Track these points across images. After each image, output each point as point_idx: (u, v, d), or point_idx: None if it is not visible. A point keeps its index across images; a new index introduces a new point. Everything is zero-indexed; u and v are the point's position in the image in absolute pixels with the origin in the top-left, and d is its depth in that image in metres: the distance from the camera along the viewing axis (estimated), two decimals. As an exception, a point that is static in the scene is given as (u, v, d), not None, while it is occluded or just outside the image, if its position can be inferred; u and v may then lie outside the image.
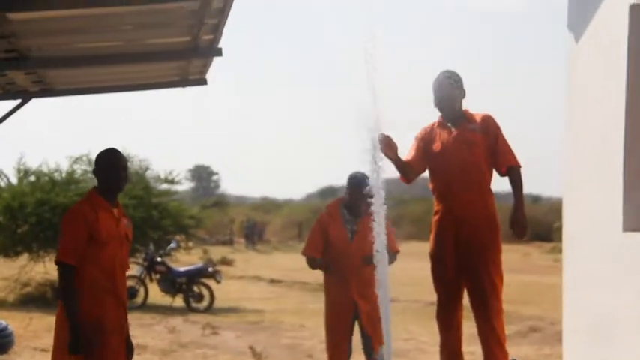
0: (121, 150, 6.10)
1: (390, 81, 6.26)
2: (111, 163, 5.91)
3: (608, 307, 5.94)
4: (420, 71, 6.95)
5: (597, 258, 6.11)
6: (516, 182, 6.63)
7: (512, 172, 6.65)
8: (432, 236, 6.82)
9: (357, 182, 7.47)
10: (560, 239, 7.01)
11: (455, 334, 6.76)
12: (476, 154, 6.59)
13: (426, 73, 7.03)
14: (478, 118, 6.71)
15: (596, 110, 6.21)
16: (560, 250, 7.38)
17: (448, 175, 6.60)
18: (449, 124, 6.74)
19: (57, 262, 5.70)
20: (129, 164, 22.68)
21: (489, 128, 6.66)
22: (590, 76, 6.34)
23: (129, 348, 5.96)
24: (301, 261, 8.15)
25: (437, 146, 6.72)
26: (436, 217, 6.79)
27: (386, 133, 6.39)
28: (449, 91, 6.70)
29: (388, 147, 6.41)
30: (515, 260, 33.25)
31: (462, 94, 6.76)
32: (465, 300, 6.74)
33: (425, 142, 6.79)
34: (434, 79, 6.77)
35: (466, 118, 6.72)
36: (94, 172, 6.00)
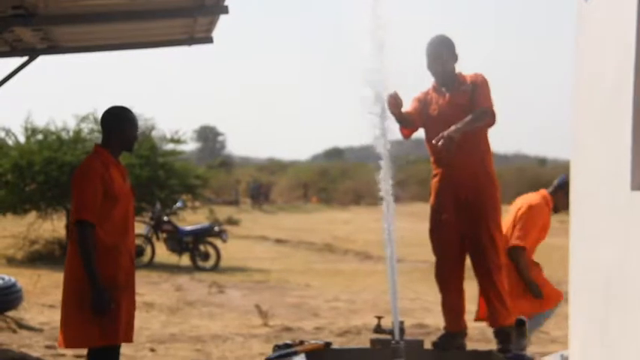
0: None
1: (400, 44, 6.25)
2: (130, 123, 5.85)
3: (616, 266, 5.93)
4: (428, 33, 6.90)
5: (605, 217, 6.10)
6: (476, 114, 6.52)
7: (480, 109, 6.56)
8: (431, 198, 6.84)
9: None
10: (566, 201, 7.00)
11: (455, 295, 6.78)
12: None
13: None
14: (469, 79, 6.71)
15: (604, 68, 6.18)
16: (565, 212, 7.38)
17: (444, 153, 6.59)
18: (443, 89, 6.76)
19: (75, 221, 5.59)
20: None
21: (476, 84, 6.67)
22: (599, 33, 6.29)
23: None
24: (306, 221, 8.12)
25: (432, 109, 6.73)
26: (435, 180, 6.82)
27: (394, 92, 6.40)
28: (441, 55, 6.71)
29: (394, 104, 6.42)
30: (521, 222, 33.32)
31: (455, 58, 6.76)
32: (468, 262, 6.76)
33: (421, 104, 6.82)
34: (426, 46, 6.77)
35: (459, 81, 6.73)
36: (105, 127, 5.87)
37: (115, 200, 5.65)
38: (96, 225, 5.55)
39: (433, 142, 6.42)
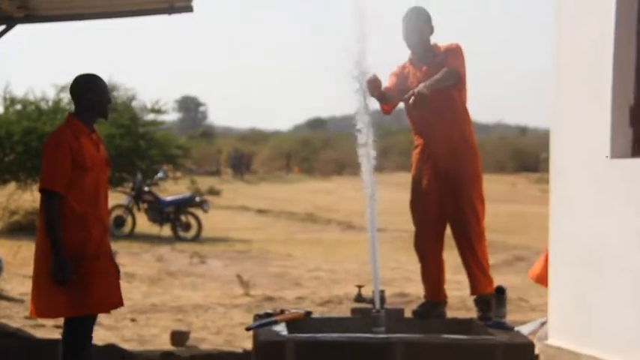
0: (107, 79, 6.00)
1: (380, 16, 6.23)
2: (99, 88, 5.77)
3: (595, 235, 5.96)
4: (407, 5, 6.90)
5: (585, 186, 6.11)
6: (444, 73, 6.51)
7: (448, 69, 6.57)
8: (412, 169, 6.86)
9: None
10: (547, 170, 7.01)
11: (434, 264, 6.80)
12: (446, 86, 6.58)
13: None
14: (444, 50, 6.71)
15: (585, 37, 6.17)
16: (546, 181, 7.39)
17: (423, 111, 6.59)
18: (419, 61, 6.76)
19: (41, 190, 5.58)
20: (115, 94, 22.53)
21: (449, 50, 6.67)
22: (581, 4, 6.29)
23: (116, 270, 5.94)
24: (288, 191, 8.12)
25: (410, 83, 6.74)
26: (416, 151, 6.85)
27: (374, 75, 6.40)
28: (416, 27, 6.71)
29: (374, 87, 6.43)
30: (502, 190, 33.43)
31: (431, 29, 6.77)
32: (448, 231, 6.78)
33: (399, 78, 6.83)
34: (402, 18, 6.76)
35: (434, 52, 6.73)
36: (74, 96, 5.82)
37: (86, 170, 5.61)
38: (66, 194, 5.53)
39: (405, 97, 6.44)
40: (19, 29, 9.51)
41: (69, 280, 5.44)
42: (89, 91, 5.75)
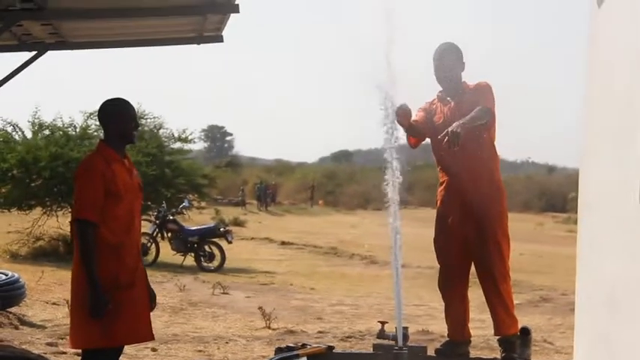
0: (135, 107, 5.95)
1: (409, 48, 6.22)
2: (126, 114, 5.72)
3: (621, 277, 5.87)
4: (439, 38, 6.89)
5: (612, 228, 6.03)
6: (477, 112, 6.47)
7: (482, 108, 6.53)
8: (437, 205, 6.81)
9: None
10: (574, 210, 6.96)
11: (459, 303, 6.73)
12: None
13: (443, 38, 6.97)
14: (473, 88, 6.69)
15: (616, 78, 6.11)
16: (574, 221, 7.31)
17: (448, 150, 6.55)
18: (448, 98, 6.74)
19: (76, 220, 5.47)
20: (143, 121, 22.42)
21: (479, 88, 6.65)
22: (611, 42, 6.23)
23: (151, 296, 5.84)
24: (312, 224, 8.10)
25: (438, 118, 6.73)
26: (441, 187, 6.81)
27: (404, 104, 6.38)
28: (449, 63, 6.70)
29: (403, 116, 6.40)
30: (529, 230, 33.23)
31: (462, 66, 6.76)
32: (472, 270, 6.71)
33: (427, 113, 6.81)
34: (434, 52, 6.75)
35: (463, 89, 6.71)
36: (103, 123, 5.76)
37: (119, 197, 5.53)
38: (99, 223, 5.43)
39: (439, 137, 6.37)
40: (50, 55, 9.58)
41: (105, 311, 5.35)
42: (115, 117, 5.69)
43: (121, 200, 5.54)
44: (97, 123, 21.55)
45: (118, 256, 5.52)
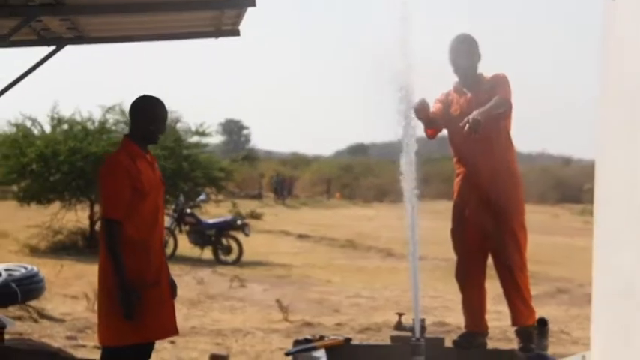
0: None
1: (425, 42, 6.25)
2: (157, 116, 5.69)
3: (639, 268, 5.88)
4: (453, 32, 6.92)
5: (630, 218, 6.05)
6: (496, 101, 6.49)
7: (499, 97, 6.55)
8: (454, 197, 6.84)
9: None
10: (590, 201, 6.97)
11: (476, 294, 6.76)
12: None
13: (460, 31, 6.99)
14: (490, 79, 6.71)
15: (631, 67, 6.12)
16: (590, 213, 7.33)
17: (467, 138, 6.58)
18: (464, 89, 6.77)
19: (103, 219, 5.48)
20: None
21: (496, 79, 6.66)
22: (626, 31, 6.23)
23: (172, 287, 5.86)
24: (329, 217, 8.13)
25: (454, 110, 6.75)
26: (458, 179, 6.83)
27: (422, 99, 6.42)
28: (465, 56, 6.72)
29: (421, 110, 6.43)
30: (545, 222, 33.15)
31: (477, 56, 6.78)
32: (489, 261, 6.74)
33: (443, 104, 6.83)
34: (450, 43, 6.77)
35: (480, 80, 6.74)
36: (134, 118, 5.71)
37: (144, 194, 5.51)
38: (124, 221, 5.41)
39: (460, 125, 6.38)
40: (69, 50, 9.64)
41: (135, 309, 5.36)
42: (147, 115, 5.67)
43: (146, 197, 5.54)
44: (116, 117, 21.69)
45: (144, 253, 5.51)
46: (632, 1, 5.96)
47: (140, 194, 5.50)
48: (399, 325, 6.37)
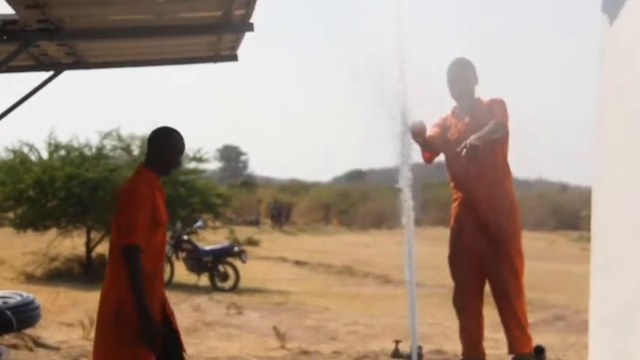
0: (150, 126, 5.97)
1: (421, 67, 6.26)
2: (178, 148, 5.68)
3: (636, 296, 5.86)
4: (448, 55, 6.94)
5: (627, 245, 6.03)
6: (494, 125, 6.49)
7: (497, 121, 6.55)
8: (451, 222, 6.84)
9: None
10: (587, 228, 6.94)
11: (473, 321, 6.74)
12: None
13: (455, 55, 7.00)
14: (488, 104, 6.72)
15: (628, 95, 6.13)
16: (587, 239, 7.31)
17: (464, 163, 6.58)
18: (462, 113, 6.77)
19: (125, 245, 5.33)
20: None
21: (493, 104, 6.67)
22: (624, 60, 6.25)
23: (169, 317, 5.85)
24: (327, 243, 8.12)
25: (451, 134, 6.75)
26: (455, 204, 6.83)
27: (419, 121, 6.43)
28: (463, 77, 6.74)
29: (418, 134, 6.44)
30: (542, 248, 33.11)
31: (476, 81, 6.79)
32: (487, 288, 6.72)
33: (441, 129, 6.84)
34: (447, 68, 6.79)
35: (477, 105, 6.75)
36: (154, 148, 5.66)
37: (159, 225, 5.49)
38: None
39: (457, 149, 6.39)
40: (66, 74, 9.65)
41: (157, 342, 5.35)
42: (168, 147, 5.66)
43: (159, 228, 5.51)
44: (113, 143, 21.67)
45: (151, 286, 5.45)
46: (629, 30, 5.98)
47: (156, 224, 5.47)
48: (396, 353, 6.36)
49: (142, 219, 5.36)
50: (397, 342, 6.32)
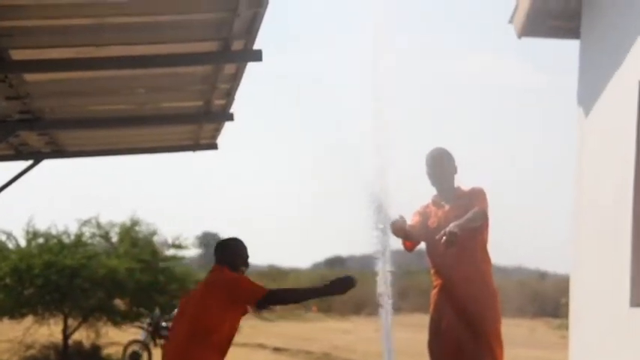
0: (130, 214, 6.31)
1: (401, 158, 6.33)
2: (246, 256, 6.52)
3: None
4: (428, 146, 7.03)
5: (604, 333, 6.07)
6: (473, 213, 6.53)
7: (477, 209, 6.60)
8: (430, 310, 6.84)
9: None
10: (566, 316, 6.98)
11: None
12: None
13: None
14: (468, 193, 6.78)
15: (604, 187, 6.23)
16: (566, 327, 7.34)
17: (444, 250, 6.61)
18: (442, 202, 6.83)
19: (263, 296, 6.32)
20: (137, 228, 22.16)
21: (473, 192, 6.73)
22: (599, 152, 6.37)
23: None
24: (306, 330, 8.10)
25: (432, 222, 6.79)
26: (435, 291, 6.84)
27: (400, 216, 6.48)
28: (442, 167, 6.80)
29: (399, 230, 6.49)
30: (522, 335, 32.92)
31: (455, 170, 6.86)
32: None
33: (422, 217, 6.87)
34: (426, 157, 6.86)
35: (457, 194, 6.80)
36: (230, 257, 6.46)
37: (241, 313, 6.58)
38: (217, 329, 6.58)
39: (436, 237, 6.42)
40: (46, 162, 9.68)
41: None
42: (240, 256, 6.48)
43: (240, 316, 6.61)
44: (92, 231, 21.59)
45: None
46: (604, 125, 6.10)
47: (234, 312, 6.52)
48: None
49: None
50: None
